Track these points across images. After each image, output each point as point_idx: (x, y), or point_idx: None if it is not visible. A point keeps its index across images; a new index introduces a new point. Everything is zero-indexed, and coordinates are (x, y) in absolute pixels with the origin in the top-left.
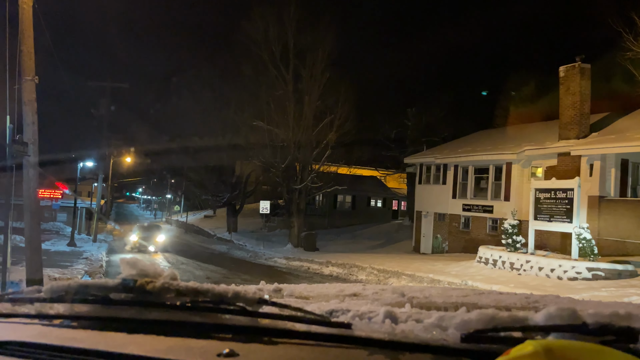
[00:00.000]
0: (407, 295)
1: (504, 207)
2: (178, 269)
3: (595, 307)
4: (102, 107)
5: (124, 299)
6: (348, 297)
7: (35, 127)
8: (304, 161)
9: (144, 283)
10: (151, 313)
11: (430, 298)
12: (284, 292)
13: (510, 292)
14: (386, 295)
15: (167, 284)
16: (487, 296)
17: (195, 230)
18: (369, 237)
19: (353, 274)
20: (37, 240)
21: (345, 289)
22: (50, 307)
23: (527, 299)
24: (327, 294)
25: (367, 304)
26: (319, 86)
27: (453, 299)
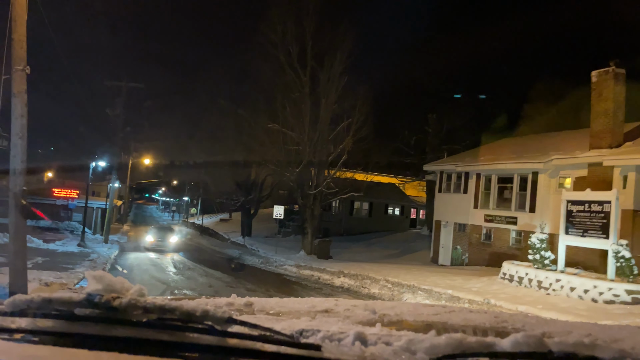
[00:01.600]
0: (379, 312)
1: (528, 218)
2: (183, 274)
3: (562, 330)
4: (118, 106)
5: (89, 315)
6: (320, 313)
7: (24, 121)
8: (319, 166)
9: (110, 299)
10: (117, 330)
11: (402, 316)
12: (255, 307)
13: (480, 310)
14: (358, 312)
15: (134, 300)
16: (457, 314)
17: (210, 233)
18: (385, 245)
19: (365, 287)
20: (21, 242)
21: (317, 305)
22: (11, 321)
23: (496, 319)
24: (298, 310)
25: (338, 322)
26: (336, 89)
27: (423, 317)
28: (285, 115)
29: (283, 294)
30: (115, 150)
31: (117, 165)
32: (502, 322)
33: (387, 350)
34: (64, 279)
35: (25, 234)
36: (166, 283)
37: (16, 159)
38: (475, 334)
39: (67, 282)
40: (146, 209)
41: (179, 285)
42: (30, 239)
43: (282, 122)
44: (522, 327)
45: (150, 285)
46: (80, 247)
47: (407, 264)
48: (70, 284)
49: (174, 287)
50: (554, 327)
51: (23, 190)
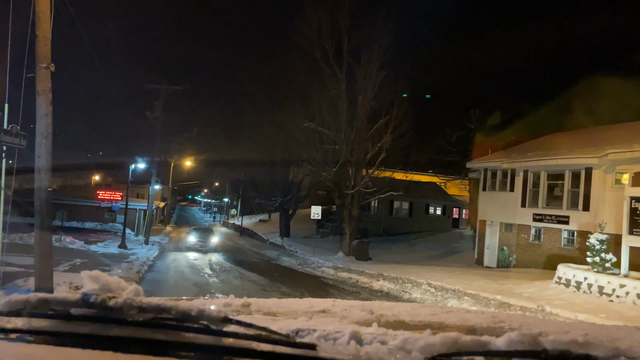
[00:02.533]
0: (376, 312)
1: (582, 217)
2: (218, 277)
3: (559, 330)
4: (157, 109)
5: (84, 315)
6: (317, 313)
7: (49, 120)
8: (357, 165)
9: (106, 298)
10: (112, 329)
11: (399, 316)
12: (252, 308)
13: (478, 311)
14: (355, 312)
15: (130, 300)
16: (454, 315)
17: (250, 234)
18: (426, 246)
19: (406, 291)
20: (46, 245)
21: (315, 305)
22: (7, 320)
23: (494, 319)
24: (295, 310)
25: (334, 322)
26: (373, 85)
27: (420, 317)
28: (321, 113)
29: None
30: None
31: (157, 167)
32: (500, 321)
33: (382, 349)
34: None
35: (51, 236)
36: (199, 286)
37: (41, 159)
38: (471, 333)
39: None
40: (189, 211)
41: (212, 288)
42: (72, 240)
43: (318, 121)
44: (519, 327)
45: (183, 288)
46: (121, 249)
47: (450, 266)
48: None
49: (206, 291)
50: (551, 326)
51: (48, 191)
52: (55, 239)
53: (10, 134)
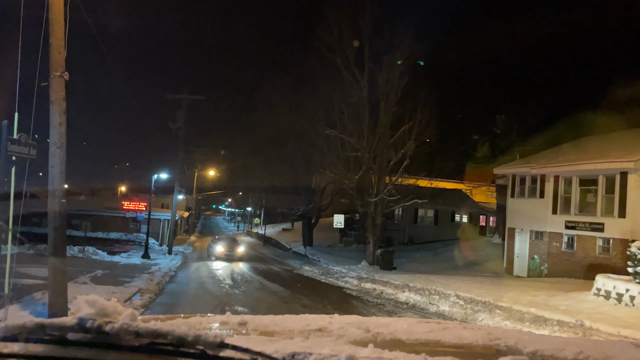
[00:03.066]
0: (372, 331)
1: (618, 224)
2: (239, 288)
3: (555, 347)
4: (179, 119)
5: (80, 340)
6: (313, 332)
7: (63, 130)
8: (380, 172)
9: (102, 323)
10: (109, 354)
11: (395, 334)
12: (249, 327)
13: (474, 326)
14: (351, 330)
15: (126, 325)
16: (450, 332)
17: (273, 243)
18: (452, 255)
19: (433, 303)
20: (60, 259)
21: (312, 323)
22: (4, 345)
23: (489, 335)
24: (292, 329)
25: (331, 342)
26: (396, 91)
27: (417, 335)
28: (343, 120)
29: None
30: (177, 162)
31: (180, 177)
32: (495, 339)
33: None
34: (116, 293)
35: (65, 249)
36: (218, 298)
37: (54, 170)
38: (467, 354)
39: (117, 297)
40: (213, 220)
41: (231, 301)
42: (95, 251)
43: (340, 128)
44: (515, 345)
45: (201, 301)
46: (144, 259)
47: (479, 276)
48: (121, 300)
49: (225, 303)
50: (547, 344)
51: (62, 202)
52: (78, 249)
53: (19, 143)
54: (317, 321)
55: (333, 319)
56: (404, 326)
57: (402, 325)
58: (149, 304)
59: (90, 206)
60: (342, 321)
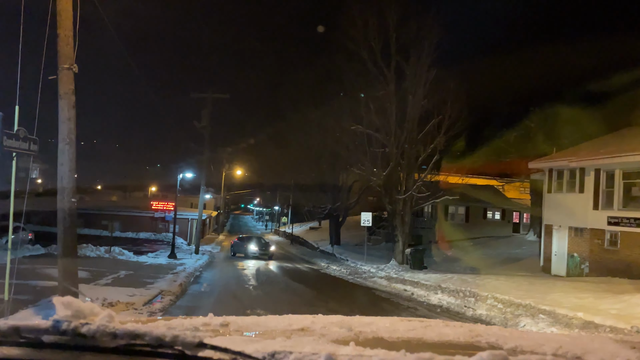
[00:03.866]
0: (355, 329)
1: None
2: (263, 289)
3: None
4: (204, 118)
5: (57, 342)
6: (296, 332)
7: (72, 125)
8: (408, 168)
9: (78, 325)
10: (85, 357)
11: (378, 333)
12: (231, 328)
13: (456, 324)
14: (334, 330)
15: (103, 326)
16: (432, 329)
17: (300, 242)
18: (485, 253)
19: (469, 306)
20: (70, 261)
21: (294, 323)
22: None
23: (471, 332)
24: (274, 329)
25: (312, 342)
26: (424, 84)
27: (399, 334)
28: (369, 115)
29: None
30: (204, 161)
31: (206, 176)
32: (477, 335)
33: None
34: (136, 296)
35: (76, 250)
36: (240, 300)
37: (63, 168)
38: (447, 351)
39: (137, 300)
40: (242, 219)
41: (254, 303)
42: (121, 251)
43: (366, 123)
44: (496, 341)
45: (222, 304)
46: (171, 259)
47: (514, 275)
48: (139, 303)
49: (246, 306)
50: (527, 340)
51: (72, 202)
52: (105, 250)
53: (17, 138)
54: (300, 321)
55: (316, 318)
56: (386, 325)
57: (385, 323)
58: (169, 307)
59: (119, 207)
60: (325, 321)
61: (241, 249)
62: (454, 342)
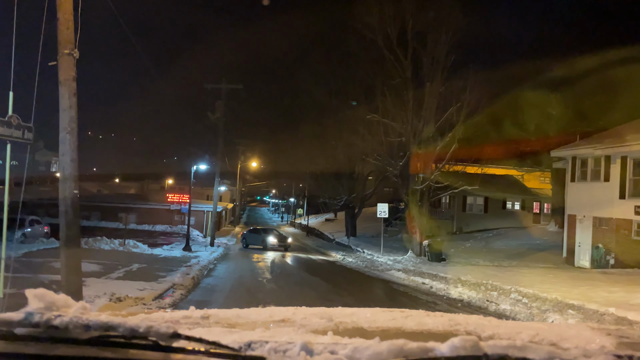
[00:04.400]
0: (335, 320)
1: None
2: (277, 282)
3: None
4: (218, 110)
5: (29, 334)
6: (276, 323)
7: (73, 113)
8: (426, 158)
9: (51, 317)
10: (59, 349)
11: (358, 322)
12: (211, 320)
13: (437, 314)
14: (314, 320)
15: (76, 318)
16: (412, 319)
17: (316, 233)
18: (505, 244)
19: (492, 301)
20: (73, 255)
21: (275, 315)
22: None
23: (450, 321)
24: (255, 321)
25: (291, 332)
26: (442, 71)
27: (379, 323)
28: (385, 105)
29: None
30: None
31: (220, 168)
32: (456, 324)
33: (331, 359)
34: (147, 290)
35: (79, 244)
36: (253, 294)
37: (65, 158)
38: (422, 338)
39: (147, 295)
40: (258, 211)
41: (267, 297)
42: (136, 244)
43: (382, 113)
44: (474, 329)
45: (235, 298)
46: (185, 252)
47: (537, 267)
48: (149, 297)
49: (259, 301)
50: (505, 328)
51: (75, 194)
52: (119, 242)
53: (9, 125)
54: (281, 313)
55: (298, 310)
56: (367, 315)
57: (366, 314)
58: (180, 301)
59: (136, 199)
60: (307, 312)
61: (252, 240)
62: (433, 330)
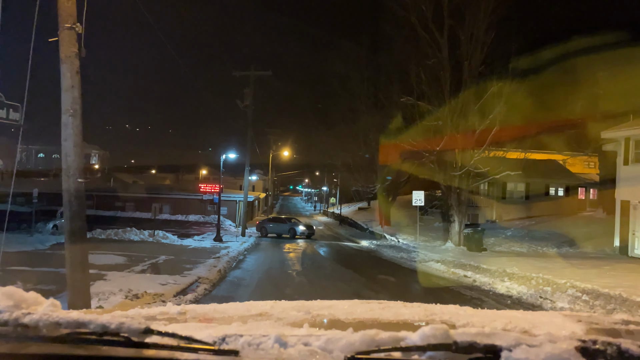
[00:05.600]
0: (313, 313)
1: None
2: (307, 275)
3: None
4: (247, 97)
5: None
6: (253, 317)
7: (76, 93)
8: (465, 142)
9: (20, 315)
10: (30, 347)
11: (335, 315)
12: (188, 315)
13: (414, 305)
14: (292, 314)
15: (46, 316)
16: (389, 310)
17: (349, 222)
18: (549, 233)
19: (546, 297)
20: (79, 251)
21: (253, 309)
22: None
23: (426, 311)
24: (232, 316)
25: (268, 325)
26: (481, 48)
27: (356, 315)
28: (420, 86)
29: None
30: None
31: (249, 156)
32: (432, 314)
33: (304, 351)
34: (169, 284)
35: (85, 237)
36: (282, 289)
37: (68, 143)
38: (398, 328)
39: (167, 290)
40: (291, 200)
41: (296, 292)
42: (165, 235)
43: (417, 95)
44: (449, 319)
45: (262, 294)
46: (216, 242)
47: (589, 258)
48: (170, 293)
49: (288, 296)
50: (479, 317)
51: (79, 182)
52: (149, 234)
53: None
54: (259, 307)
55: (276, 303)
56: (345, 307)
57: (344, 306)
58: (202, 297)
59: (170, 190)
60: (285, 306)
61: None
62: (409, 321)
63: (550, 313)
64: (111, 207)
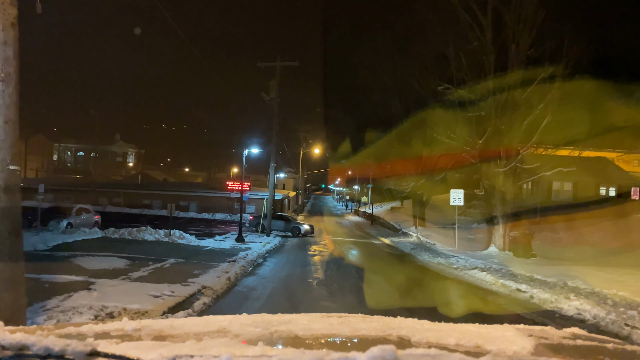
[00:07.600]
0: (271, 329)
1: None
2: (328, 285)
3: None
4: (272, 90)
5: None
6: (210, 333)
7: (9, 51)
8: (511, 135)
9: None
10: None
11: (294, 331)
12: (143, 332)
13: (373, 319)
14: (249, 330)
15: None
16: (347, 325)
17: (381, 222)
18: (601, 237)
19: (634, 325)
20: (11, 259)
21: (211, 324)
22: None
23: (384, 326)
24: (188, 332)
25: (224, 342)
26: (530, 30)
27: (314, 331)
28: (460, 73)
29: None
30: (273, 136)
31: (276, 152)
32: (389, 329)
33: None
34: (163, 297)
35: (18, 247)
36: (295, 305)
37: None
38: (354, 346)
39: (157, 306)
40: (322, 200)
41: (312, 308)
42: (182, 234)
43: (457, 83)
44: (406, 334)
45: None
46: (237, 243)
47: None
48: (158, 310)
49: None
50: (435, 332)
51: (10, 169)
52: (164, 233)
53: None
54: (217, 322)
55: (235, 318)
56: (304, 322)
57: (303, 320)
58: (200, 315)
59: (196, 188)
60: (243, 321)
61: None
62: (365, 335)
63: (503, 327)
64: (139, 204)
